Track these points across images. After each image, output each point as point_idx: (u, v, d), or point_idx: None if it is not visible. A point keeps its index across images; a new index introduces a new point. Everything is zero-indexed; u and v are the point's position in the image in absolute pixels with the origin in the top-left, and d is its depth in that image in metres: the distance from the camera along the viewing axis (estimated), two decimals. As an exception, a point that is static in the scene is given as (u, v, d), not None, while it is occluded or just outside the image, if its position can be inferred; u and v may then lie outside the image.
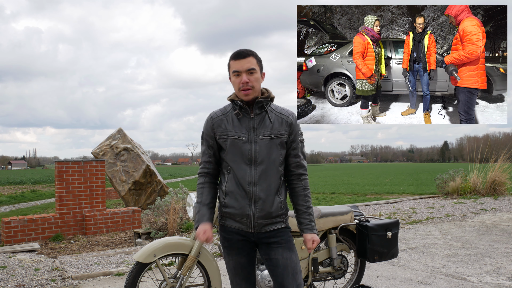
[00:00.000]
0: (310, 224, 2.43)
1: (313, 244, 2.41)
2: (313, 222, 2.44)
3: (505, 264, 4.99)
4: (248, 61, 2.30)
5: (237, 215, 2.34)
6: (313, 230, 2.43)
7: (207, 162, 2.45)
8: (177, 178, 39.84)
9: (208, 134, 2.42)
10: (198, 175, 2.49)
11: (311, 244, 2.40)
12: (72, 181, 7.64)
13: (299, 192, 2.45)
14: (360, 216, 3.68)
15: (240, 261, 2.42)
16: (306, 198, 2.45)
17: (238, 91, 2.32)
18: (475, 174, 12.01)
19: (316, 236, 2.43)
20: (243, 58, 2.30)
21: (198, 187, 2.48)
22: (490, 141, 15.70)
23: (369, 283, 4.32)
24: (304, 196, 2.45)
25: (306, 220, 2.44)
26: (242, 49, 2.34)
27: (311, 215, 2.45)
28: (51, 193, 21.15)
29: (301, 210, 2.45)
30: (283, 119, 2.38)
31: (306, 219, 2.44)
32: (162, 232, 7.04)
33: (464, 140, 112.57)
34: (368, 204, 10.90)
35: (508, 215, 8.54)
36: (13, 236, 7.02)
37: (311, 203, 2.48)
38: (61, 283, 4.58)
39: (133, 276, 3.00)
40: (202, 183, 2.46)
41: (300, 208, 2.45)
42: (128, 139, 10.83)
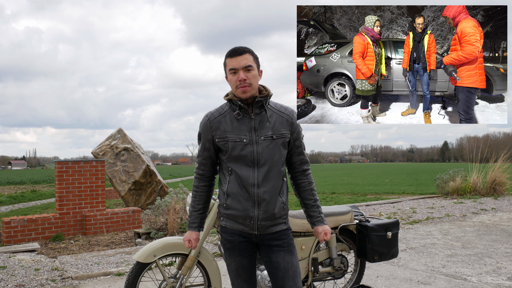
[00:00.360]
0: (320, 216, 2.45)
1: (326, 236, 2.43)
2: (322, 214, 2.47)
3: (505, 264, 4.99)
4: (244, 58, 2.25)
5: (240, 217, 2.32)
6: (323, 222, 2.45)
7: (202, 164, 2.44)
8: (177, 178, 39.83)
9: (205, 136, 2.37)
10: (194, 176, 2.49)
11: (323, 236, 2.43)
12: (72, 181, 7.63)
13: (306, 187, 2.46)
14: (360, 216, 3.68)
15: (242, 263, 2.40)
16: (313, 192, 2.46)
17: (235, 89, 2.26)
18: (475, 174, 12.01)
19: (327, 227, 2.45)
20: (239, 55, 2.25)
21: (192, 189, 2.49)
22: (490, 141, 15.70)
23: (369, 283, 4.32)
24: (310, 190, 2.46)
25: (316, 213, 2.45)
26: (238, 46, 2.29)
27: (319, 207, 2.47)
28: (51, 193, 21.15)
29: (309, 204, 2.46)
30: (284, 118, 2.35)
31: (315, 212, 2.45)
32: (162, 232, 7.04)
33: (464, 140, 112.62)
34: (368, 204, 10.90)
35: (508, 215, 8.54)
36: (13, 236, 7.02)
37: (317, 196, 2.50)
38: (61, 283, 4.58)
39: (133, 276, 3.00)
40: (196, 187, 2.47)
41: (308, 202, 2.46)
42: (128, 139, 10.82)
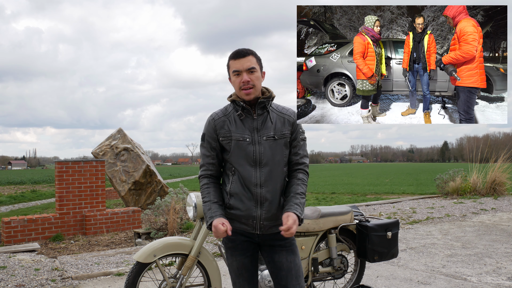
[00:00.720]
0: (293, 205, 2.27)
1: (287, 221, 2.18)
2: (298, 206, 2.27)
3: (505, 264, 4.99)
4: (248, 60, 2.26)
5: (242, 217, 2.32)
6: (294, 210, 2.24)
7: (210, 164, 2.40)
8: (177, 178, 39.84)
9: (211, 135, 2.37)
10: (200, 177, 2.43)
11: (285, 220, 2.19)
12: (72, 181, 7.63)
13: (292, 181, 2.36)
14: (360, 216, 3.68)
15: (244, 262, 2.40)
16: (297, 187, 2.33)
17: (239, 90, 2.28)
18: (475, 174, 12.01)
19: (294, 214, 2.22)
20: (243, 57, 2.27)
21: (203, 187, 2.41)
22: (490, 141, 15.70)
23: (369, 283, 4.32)
24: (296, 185, 2.34)
25: (290, 202, 2.30)
26: (241, 48, 2.30)
27: (298, 199, 2.30)
28: (51, 193, 21.15)
29: (289, 194, 2.33)
30: (285, 118, 2.36)
31: (291, 201, 2.30)
32: (162, 232, 7.04)
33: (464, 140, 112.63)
34: (368, 204, 10.90)
35: (508, 215, 8.54)
36: (13, 236, 7.02)
37: (302, 190, 2.34)
38: (61, 283, 4.58)
39: (133, 276, 3.00)
40: (207, 183, 2.39)
41: (288, 194, 2.34)
42: (128, 139, 10.83)
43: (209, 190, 2.38)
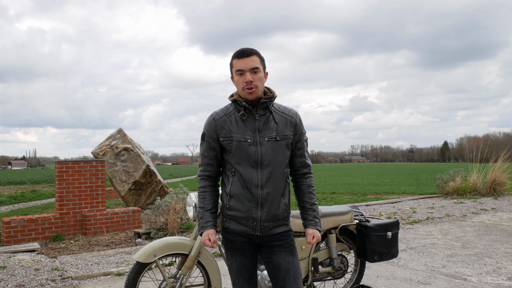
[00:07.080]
0: (313, 220, 2.43)
1: (313, 240, 2.40)
2: (317, 219, 2.44)
3: (505, 264, 4.99)
4: (251, 60, 2.25)
5: (242, 218, 2.31)
6: (315, 226, 2.43)
7: (208, 165, 2.40)
8: (177, 178, 39.84)
9: (211, 135, 2.35)
10: (199, 177, 2.44)
11: (310, 239, 2.40)
12: (72, 181, 7.64)
13: (304, 189, 2.45)
14: (360, 216, 3.68)
15: (243, 262, 2.40)
16: (310, 195, 2.44)
17: (241, 90, 2.27)
18: (475, 174, 12.02)
19: (318, 232, 2.42)
20: (246, 56, 2.25)
21: (199, 190, 2.43)
22: (490, 141, 15.69)
23: (369, 283, 4.32)
24: (308, 193, 2.44)
25: (310, 216, 2.43)
26: (245, 47, 2.29)
27: (315, 211, 2.44)
28: (51, 193, 21.16)
29: (305, 207, 2.45)
30: (287, 119, 2.35)
31: (310, 215, 2.44)
32: (162, 232, 7.04)
33: (464, 140, 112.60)
34: (368, 204, 10.90)
35: (508, 215, 8.54)
36: (13, 236, 7.02)
37: (315, 200, 2.47)
38: (61, 283, 4.58)
39: (133, 276, 3.00)
40: (203, 187, 2.41)
41: (305, 205, 2.45)
42: (128, 139, 10.82)
43: (204, 195, 2.41)
